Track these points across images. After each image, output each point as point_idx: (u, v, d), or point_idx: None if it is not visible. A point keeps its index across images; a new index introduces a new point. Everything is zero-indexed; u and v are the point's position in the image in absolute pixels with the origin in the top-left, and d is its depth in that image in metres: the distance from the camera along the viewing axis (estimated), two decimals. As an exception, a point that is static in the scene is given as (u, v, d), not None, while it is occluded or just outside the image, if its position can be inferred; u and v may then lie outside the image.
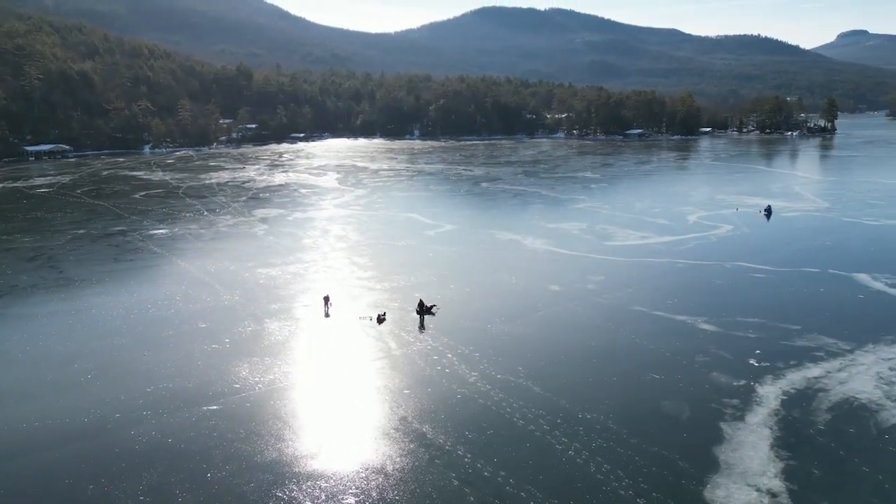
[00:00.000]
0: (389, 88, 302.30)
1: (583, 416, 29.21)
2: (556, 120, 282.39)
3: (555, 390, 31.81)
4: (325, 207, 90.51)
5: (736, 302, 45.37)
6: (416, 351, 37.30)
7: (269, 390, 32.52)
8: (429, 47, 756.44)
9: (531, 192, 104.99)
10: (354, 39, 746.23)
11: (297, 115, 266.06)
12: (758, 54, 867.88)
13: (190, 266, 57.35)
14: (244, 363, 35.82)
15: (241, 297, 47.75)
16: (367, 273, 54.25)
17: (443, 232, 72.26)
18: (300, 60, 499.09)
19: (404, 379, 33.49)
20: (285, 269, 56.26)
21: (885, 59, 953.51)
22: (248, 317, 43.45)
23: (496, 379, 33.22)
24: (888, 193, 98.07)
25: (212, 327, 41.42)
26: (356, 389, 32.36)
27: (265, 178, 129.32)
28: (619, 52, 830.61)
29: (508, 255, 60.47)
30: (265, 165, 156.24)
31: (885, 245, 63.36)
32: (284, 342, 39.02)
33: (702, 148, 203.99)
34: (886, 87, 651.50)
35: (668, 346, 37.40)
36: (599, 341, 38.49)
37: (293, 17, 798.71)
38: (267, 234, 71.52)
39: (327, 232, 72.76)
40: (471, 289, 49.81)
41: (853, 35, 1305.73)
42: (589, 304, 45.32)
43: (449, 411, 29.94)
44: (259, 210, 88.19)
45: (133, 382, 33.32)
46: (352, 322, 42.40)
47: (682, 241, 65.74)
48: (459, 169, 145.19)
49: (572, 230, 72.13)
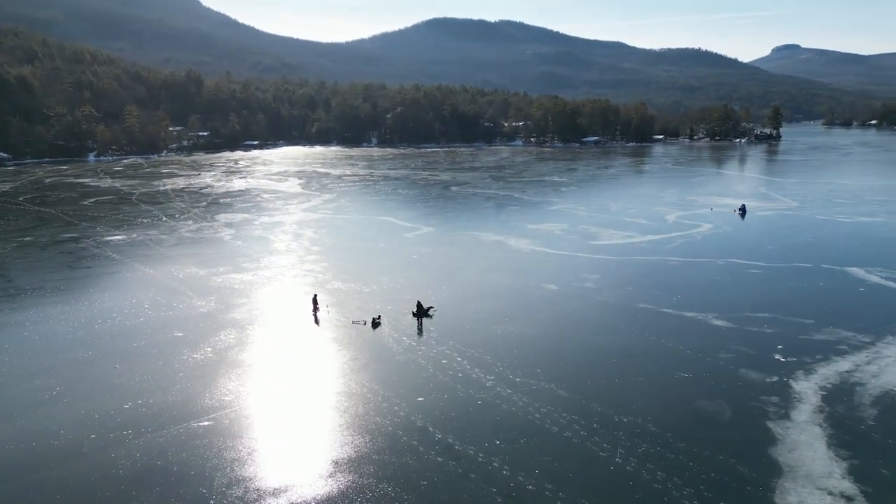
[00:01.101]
0: (345, 96, 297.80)
1: (619, 419, 26.80)
2: (514, 128, 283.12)
3: (582, 393, 29.34)
4: (293, 212, 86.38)
5: (741, 297, 44.00)
6: (422, 355, 34.31)
7: (266, 403, 28.99)
8: (381, 57, 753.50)
9: (503, 195, 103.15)
10: (305, 49, 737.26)
11: (250, 123, 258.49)
12: (699, 67, 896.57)
13: (155, 272, 52.81)
14: (232, 374, 32.15)
15: (218, 304, 43.78)
16: (351, 276, 50.89)
17: (422, 234, 69.37)
18: (250, 69, 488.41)
19: (415, 386, 30.46)
20: (261, 273, 52.37)
21: (817, 73, 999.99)
22: (228, 324, 39.61)
23: (515, 383, 30.54)
24: (850, 193, 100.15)
25: (189, 336, 37.45)
26: (364, 398, 29.15)
27: (223, 183, 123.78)
28: (568, 63, 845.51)
29: (495, 256, 58.04)
30: (221, 172, 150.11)
31: (866, 240, 63.66)
32: (275, 350, 35.44)
33: (658, 154, 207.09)
34: (819, 99, 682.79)
35: (686, 343, 35.48)
36: (614, 341, 36.29)
37: (241, 25, 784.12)
38: (235, 239, 67.19)
39: (300, 236, 68.88)
40: (465, 290, 47.08)
41: (786, 49, 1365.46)
42: (593, 303, 43.19)
43: (472, 419, 27.09)
44: (222, 215, 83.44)
45: (106, 398, 29.26)
46: (345, 327, 39.09)
47: (667, 240, 64.67)
48: (425, 174, 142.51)
49: (554, 230, 70.32)
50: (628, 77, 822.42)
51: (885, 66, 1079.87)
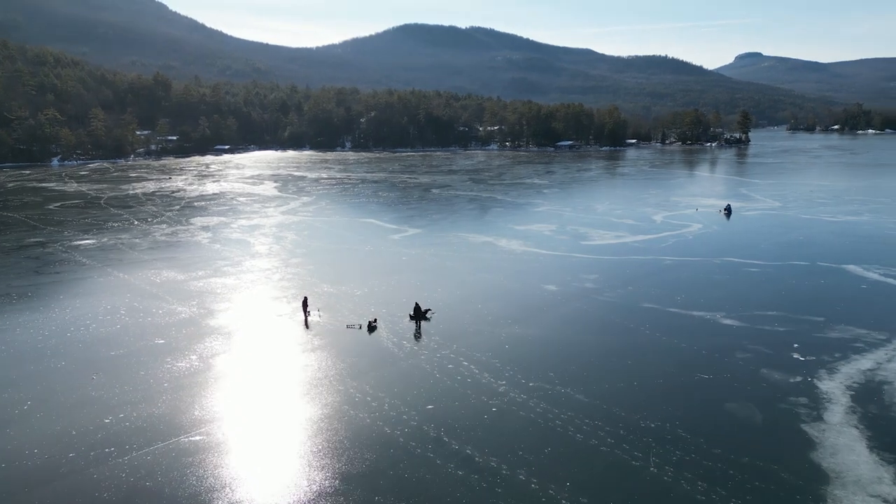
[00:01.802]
0: (318, 100, 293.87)
1: (646, 425, 25.09)
2: (489, 132, 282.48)
3: (602, 397, 27.59)
4: (272, 214, 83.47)
5: (745, 296, 42.88)
6: (425, 360, 32.23)
7: (262, 414, 26.61)
8: (352, 62, 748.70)
9: (485, 197, 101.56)
10: (275, 54, 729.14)
11: (220, 127, 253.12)
12: (666, 74, 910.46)
13: (130, 277, 49.75)
14: (222, 383, 29.67)
15: (200, 309, 41.09)
16: (339, 279, 48.54)
17: (408, 236, 67.24)
18: (218, 73, 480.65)
19: (423, 392, 28.37)
20: (243, 277, 49.71)
21: (779, 79, 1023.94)
22: (213, 330, 37.02)
23: (529, 387, 28.67)
24: (829, 193, 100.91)
25: (172, 343, 34.78)
26: (369, 407, 26.95)
27: (196, 187, 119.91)
28: (538, 69, 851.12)
29: (488, 257, 56.22)
30: (193, 176, 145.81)
31: (856, 238, 63.47)
32: (266, 356, 33.00)
33: (632, 157, 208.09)
34: (782, 105, 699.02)
35: (699, 343, 34.06)
36: (625, 341, 34.68)
37: (209, 29, 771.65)
38: (213, 242, 64.21)
39: (282, 238, 66.18)
40: (462, 291, 45.11)
41: (749, 57, 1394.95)
42: (596, 304, 41.61)
43: (489, 427, 25.11)
44: (197, 218, 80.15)
45: (84, 413, 26.57)
46: (339, 331, 36.80)
47: (659, 240, 63.66)
48: (403, 177, 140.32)
49: (543, 231, 68.85)
50: (598, 83, 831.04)
51: (843, 74, 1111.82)
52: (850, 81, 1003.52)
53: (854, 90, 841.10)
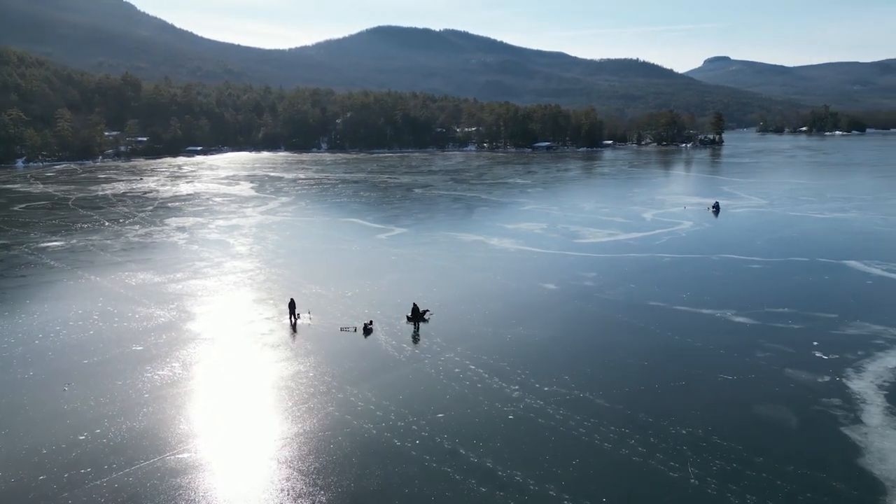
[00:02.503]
0: (293, 101, 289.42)
1: (676, 431, 23.21)
2: (467, 133, 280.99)
3: (624, 402, 25.67)
4: (250, 215, 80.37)
5: (752, 293, 41.48)
6: (429, 364, 30.00)
7: (256, 427, 24.12)
8: (325, 64, 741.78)
9: (470, 196, 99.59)
10: (247, 55, 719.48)
11: (192, 128, 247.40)
12: (638, 77, 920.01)
13: (103, 280, 46.61)
14: (208, 393, 27.11)
15: (180, 312, 38.30)
16: (327, 279, 46.05)
17: (395, 235, 64.89)
18: (189, 75, 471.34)
19: (431, 400, 26.15)
20: (224, 279, 46.91)
21: (746, 83, 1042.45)
22: (196, 335, 34.32)
23: (545, 392, 26.63)
24: (811, 191, 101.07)
25: (151, 349, 32.03)
26: (373, 417, 24.63)
27: (169, 188, 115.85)
28: (512, 72, 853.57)
29: (481, 255, 54.19)
30: (165, 177, 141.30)
31: (849, 234, 62.87)
32: (257, 363, 30.45)
33: (610, 158, 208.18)
34: (750, 108, 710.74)
35: (715, 342, 32.40)
36: (637, 341, 32.87)
37: (179, 30, 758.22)
38: (190, 243, 61.10)
39: (263, 239, 63.33)
40: (458, 291, 42.98)
41: (717, 61, 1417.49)
42: (600, 302, 39.80)
43: (508, 438, 22.99)
44: (172, 219, 76.73)
45: (56, 429, 23.82)
46: (333, 335, 34.39)
47: (653, 237, 62.32)
48: (383, 177, 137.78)
49: (534, 230, 67.07)
50: (571, 86, 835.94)
51: (808, 77, 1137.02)
52: (815, 84, 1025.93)
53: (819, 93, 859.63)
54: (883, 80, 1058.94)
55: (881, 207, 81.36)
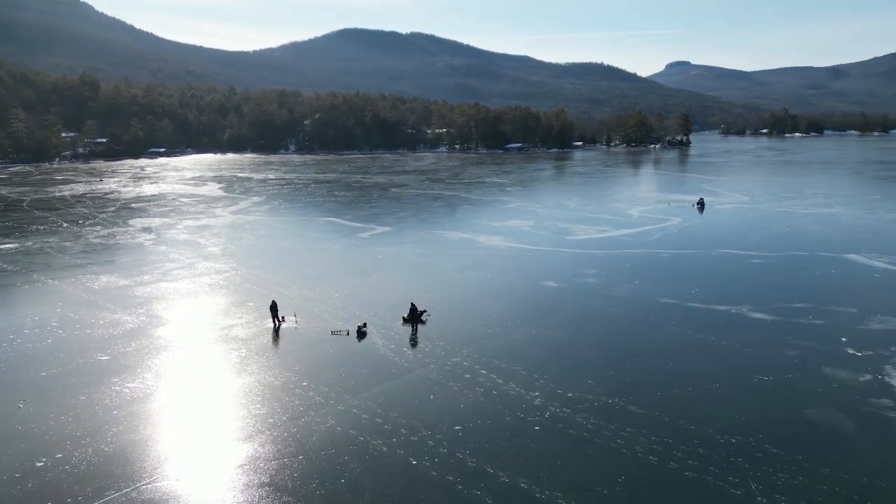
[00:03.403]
0: (259, 102, 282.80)
1: (725, 440, 20.70)
2: (437, 135, 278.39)
3: (659, 407, 23.11)
4: (221, 215, 76.17)
5: (763, 288, 39.60)
6: (435, 370, 27.04)
7: (246, 447, 20.84)
8: (291, 66, 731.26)
9: (449, 195, 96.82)
10: (210, 57, 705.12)
11: (154, 129, 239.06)
12: (602, 80, 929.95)
13: (62, 283, 42.44)
14: (189, 409, 23.71)
15: (149, 318, 34.60)
16: (311, 280, 42.70)
17: (378, 234, 61.69)
18: (150, 76, 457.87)
19: (444, 410, 23.20)
20: (198, 281, 43.19)
21: (707, 87, 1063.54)
22: (169, 343, 30.75)
23: (569, 399, 23.92)
24: (789, 188, 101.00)
25: (119, 360, 28.39)
26: (382, 431, 21.58)
27: (131, 189, 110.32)
28: (479, 75, 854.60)
29: (472, 253, 51.42)
30: (127, 178, 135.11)
31: (841, 228, 62.00)
32: (240, 372, 27.09)
33: (583, 158, 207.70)
34: (711, 111, 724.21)
35: (739, 340, 30.16)
36: (658, 341, 30.45)
37: (138, 31, 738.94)
38: (157, 244, 56.96)
39: (237, 239, 59.49)
40: (455, 290, 40.12)
41: (679, 65, 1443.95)
42: (607, 300, 37.35)
43: (538, 453, 20.19)
44: (136, 220, 72.13)
45: (10, 453, 20.20)
46: (323, 339, 31.18)
47: (645, 233, 60.40)
48: (357, 177, 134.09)
49: (521, 227, 64.61)
50: (537, 89, 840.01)
51: (766, 82, 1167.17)
52: (772, 89, 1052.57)
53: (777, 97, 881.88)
54: (835, 85, 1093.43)
55: (864, 203, 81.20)
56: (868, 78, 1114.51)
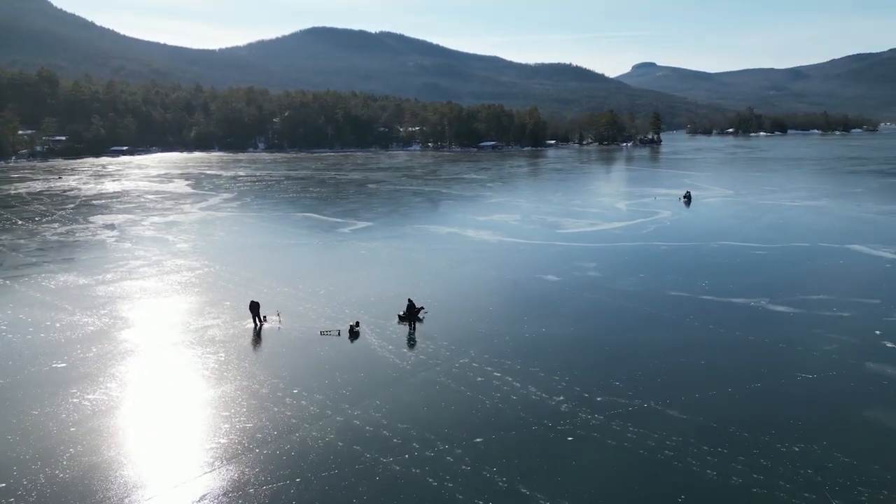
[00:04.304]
0: (226, 100, 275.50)
1: (788, 449, 18.14)
2: (410, 133, 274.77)
3: (701, 412, 20.49)
4: (190, 211, 71.89)
5: (775, 280, 37.54)
6: (442, 372, 24.04)
7: (233, 470, 17.56)
8: (258, 65, 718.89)
9: (429, 190, 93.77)
10: (175, 55, 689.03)
11: (117, 126, 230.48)
12: (571, 81, 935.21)
13: (14, 283, 38.30)
14: (162, 424, 20.30)
15: (113, 320, 30.90)
16: (293, 277, 39.27)
17: (360, 229, 58.35)
18: (112, 74, 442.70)
19: (460, 420, 20.22)
20: (167, 279, 39.43)
21: (672, 88, 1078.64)
22: (136, 347, 27.17)
23: (599, 404, 21.14)
24: (771, 182, 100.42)
25: (78, 367, 24.76)
26: (391, 447, 18.49)
27: (92, 186, 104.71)
28: (449, 75, 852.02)
29: (461, 248, 48.51)
30: (88, 175, 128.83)
31: (835, 220, 60.84)
32: (220, 380, 23.72)
33: (558, 156, 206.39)
34: (678, 111, 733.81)
35: (768, 335, 27.81)
36: (681, 337, 27.94)
37: (99, 28, 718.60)
38: (121, 241, 52.79)
39: (208, 235, 55.60)
40: (450, 285, 37.20)
41: (645, 66, 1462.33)
42: (615, 293, 34.78)
43: (577, 468, 17.36)
44: (98, 217, 67.49)
45: (-63, 487, 16.57)
46: (311, 340, 27.94)
47: (638, 226, 58.27)
48: (331, 173, 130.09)
49: (509, 221, 61.95)
50: (507, 89, 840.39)
51: (729, 83, 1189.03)
52: (735, 90, 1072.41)
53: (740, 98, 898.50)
54: (795, 86, 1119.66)
55: (849, 196, 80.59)
56: (827, 79, 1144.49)
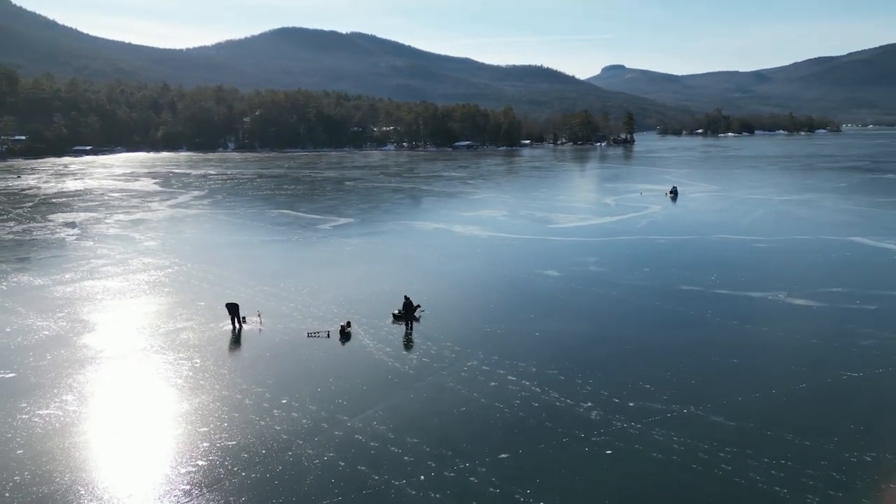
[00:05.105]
0: (195, 98, 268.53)
1: (859, 459, 15.90)
2: (384, 133, 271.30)
3: (754, 418, 18.10)
4: (158, 209, 67.89)
5: (788, 272, 35.62)
6: (450, 377, 21.31)
7: (210, 501, 14.58)
8: (227, 65, 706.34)
9: (409, 187, 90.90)
10: (141, 54, 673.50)
11: (80, 125, 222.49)
12: (542, 83, 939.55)
13: (-41, 284, 34.49)
14: (125, 445, 17.20)
15: (72, 323, 27.50)
16: (273, 274, 36.15)
17: (341, 225, 55.28)
18: (75, 73, 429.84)
19: (479, 432, 17.51)
20: (133, 278, 35.96)
21: (641, 90, 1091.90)
22: (97, 354, 23.90)
23: (632, 410, 18.63)
24: (753, 179, 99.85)
25: (28, 378, 21.45)
26: (403, 467, 15.70)
27: (53, 185, 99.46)
28: (422, 76, 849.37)
29: (452, 243, 45.85)
30: (49, 175, 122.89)
31: (829, 213, 59.63)
32: (196, 392, 20.63)
33: (534, 155, 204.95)
34: (647, 113, 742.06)
35: (798, 331, 25.67)
36: (706, 335, 25.63)
37: (62, 26, 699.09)
38: (82, 239, 48.93)
39: (178, 233, 51.99)
40: (444, 282, 34.52)
41: (614, 69, 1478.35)
42: (623, 289, 32.43)
43: (626, 489, 14.80)
44: (58, 215, 63.22)
45: None
46: (299, 343, 24.98)
47: (630, 220, 56.29)
48: (305, 172, 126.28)
49: (497, 216, 59.52)
50: (479, 91, 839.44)
51: (695, 85, 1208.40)
52: (701, 92, 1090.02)
53: (705, 100, 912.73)
54: (759, 89, 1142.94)
55: (834, 191, 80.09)
56: (790, 82, 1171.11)
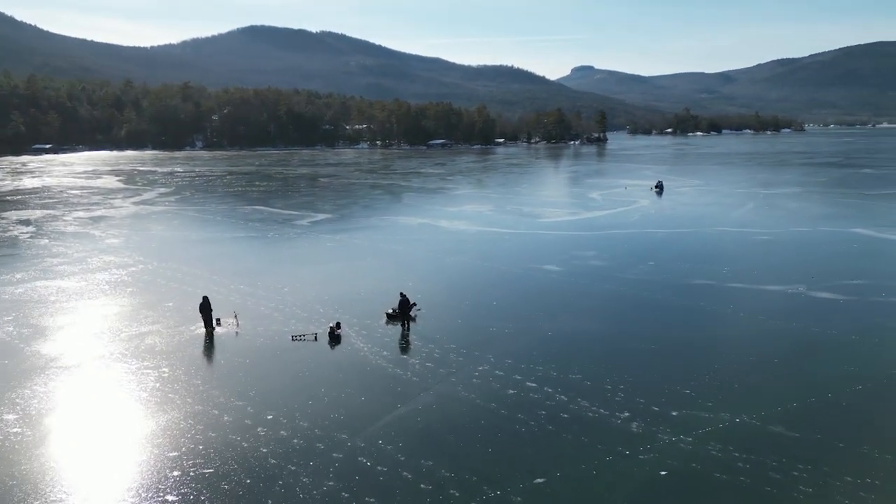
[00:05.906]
0: (160, 96, 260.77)
1: (949, 472, 13.54)
2: (357, 131, 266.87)
3: (821, 430, 15.79)
4: (121, 206, 63.75)
5: (802, 265, 33.80)
6: (460, 384, 18.59)
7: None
8: (193, 63, 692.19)
9: (387, 184, 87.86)
10: (104, 52, 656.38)
11: (39, 123, 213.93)
12: (513, 83, 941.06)
13: None
14: (83, 472, 14.11)
15: (22, 328, 24.11)
16: (248, 272, 33.01)
17: (319, 221, 52.13)
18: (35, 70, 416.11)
19: (505, 451, 14.83)
20: (92, 278, 32.47)
21: (610, 90, 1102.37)
22: (51, 362, 20.63)
23: (679, 421, 16.16)
24: (734, 174, 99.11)
25: (-37, 394, 18.12)
26: (424, 497, 12.93)
27: (9, 183, 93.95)
28: (393, 76, 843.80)
29: (440, 238, 43.14)
30: (5, 173, 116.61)
31: (822, 205, 58.56)
32: (166, 405, 17.54)
33: (510, 153, 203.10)
34: (616, 112, 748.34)
35: (833, 327, 23.61)
36: (734, 332, 23.47)
37: (20, 23, 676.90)
38: (37, 237, 44.98)
39: (143, 230, 48.28)
40: (439, 279, 31.75)
41: (583, 70, 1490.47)
42: (632, 284, 30.10)
43: (690, 516, 12.24)
44: (11, 213, 58.80)
45: None
46: (282, 347, 22.01)
47: (622, 214, 54.31)
48: (277, 169, 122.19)
49: (483, 211, 56.96)
50: (451, 90, 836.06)
51: (662, 86, 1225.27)
52: (668, 92, 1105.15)
53: (673, 100, 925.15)
54: (725, 90, 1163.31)
55: (818, 185, 79.57)
56: (754, 83, 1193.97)
